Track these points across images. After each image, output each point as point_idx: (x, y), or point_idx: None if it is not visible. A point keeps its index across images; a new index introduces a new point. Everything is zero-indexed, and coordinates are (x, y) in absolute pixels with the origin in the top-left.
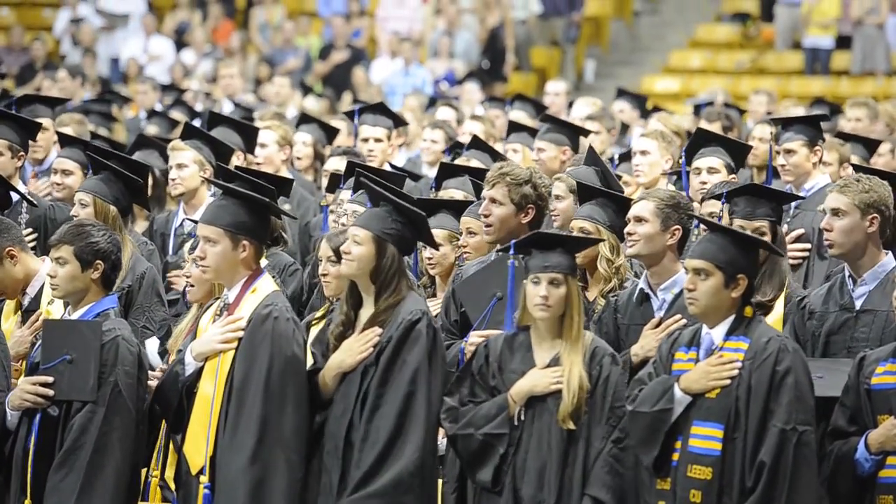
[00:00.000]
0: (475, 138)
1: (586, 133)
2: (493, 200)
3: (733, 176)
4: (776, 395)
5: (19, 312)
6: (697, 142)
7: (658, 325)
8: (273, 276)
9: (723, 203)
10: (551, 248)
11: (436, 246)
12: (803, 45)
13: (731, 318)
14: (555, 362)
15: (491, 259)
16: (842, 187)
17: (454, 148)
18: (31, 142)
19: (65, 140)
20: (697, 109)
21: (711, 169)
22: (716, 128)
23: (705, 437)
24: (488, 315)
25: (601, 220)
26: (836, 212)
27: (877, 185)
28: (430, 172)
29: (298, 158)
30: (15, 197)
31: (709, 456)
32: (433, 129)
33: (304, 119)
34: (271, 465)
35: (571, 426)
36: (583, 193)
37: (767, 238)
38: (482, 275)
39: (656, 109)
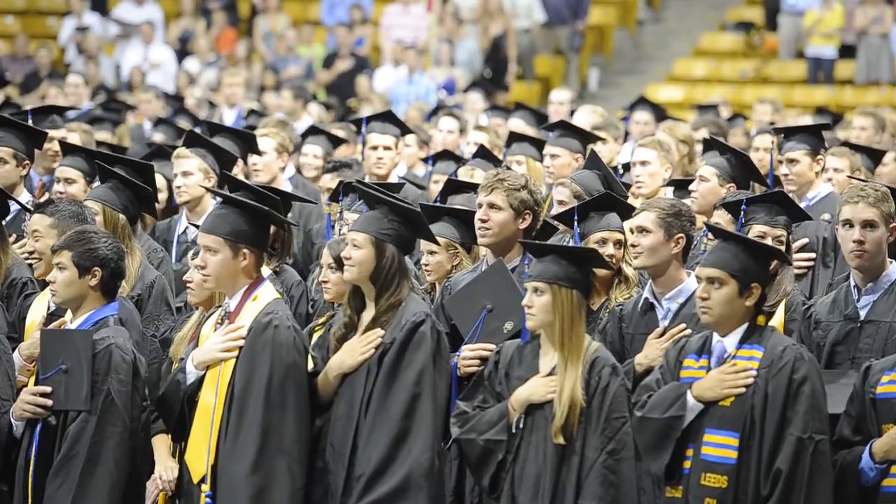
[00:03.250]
0: (482, 148)
1: (597, 140)
2: (491, 206)
3: (731, 185)
4: (793, 404)
5: (44, 316)
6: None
7: (662, 335)
8: (280, 292)
9: (742, 209)
10: (539, 257)
11: (437, 242)
12: (806, 54)
13: (744, 326)
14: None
15: (480, 271)
16: (866, 198)
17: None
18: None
19: (67, 148)
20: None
21: (702, 177)
22: (702, 135)
23: (720, 445)
24: (479, 328)
25: (619, 228)
26: (869, 224)
27: (888, 192)
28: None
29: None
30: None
31: (724, 464)
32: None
33: (314, 131)
34: (273, 474)
35: (561, 441)
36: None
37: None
38: (471, 288)
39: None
